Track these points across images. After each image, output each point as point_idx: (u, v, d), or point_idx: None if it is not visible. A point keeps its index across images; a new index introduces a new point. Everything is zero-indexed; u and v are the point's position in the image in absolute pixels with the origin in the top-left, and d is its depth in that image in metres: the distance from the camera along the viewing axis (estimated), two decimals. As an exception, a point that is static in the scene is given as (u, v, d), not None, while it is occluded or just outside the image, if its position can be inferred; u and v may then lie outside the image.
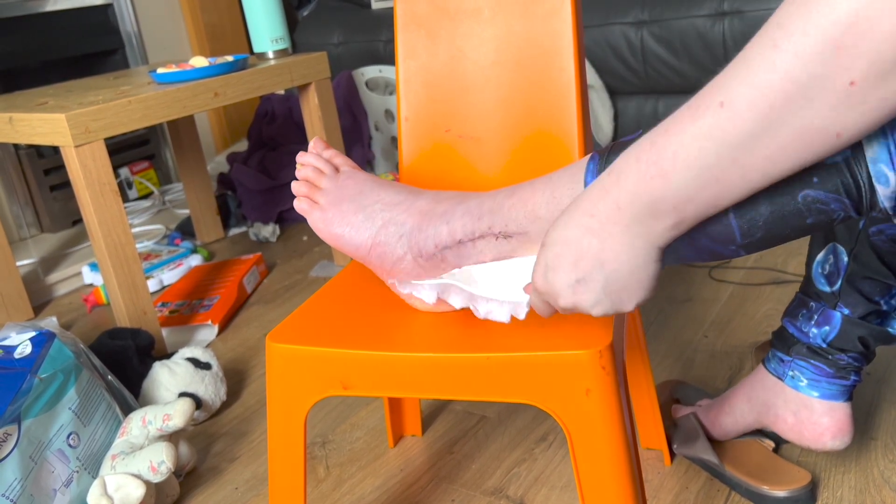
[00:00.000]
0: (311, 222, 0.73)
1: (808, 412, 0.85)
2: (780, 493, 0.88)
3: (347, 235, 0.71)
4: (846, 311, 0.82)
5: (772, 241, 0.56)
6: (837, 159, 0.50)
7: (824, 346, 0.84)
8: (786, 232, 0.55)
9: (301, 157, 0.77)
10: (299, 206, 0.74)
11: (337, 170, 0.76)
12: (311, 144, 0.78)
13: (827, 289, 0.84)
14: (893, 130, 0.49)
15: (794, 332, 0.86)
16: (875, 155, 0.50)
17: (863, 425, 1.01)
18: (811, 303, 0.85)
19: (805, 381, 0.85)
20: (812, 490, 0.89)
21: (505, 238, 0.65)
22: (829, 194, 0.51)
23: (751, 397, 0.91)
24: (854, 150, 0.50)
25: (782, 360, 0.87)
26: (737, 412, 0.93)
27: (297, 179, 0.76)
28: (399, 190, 0.72)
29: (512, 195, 0.65)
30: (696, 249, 0.57)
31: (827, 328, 0.84)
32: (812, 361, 0.85)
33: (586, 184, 0.61)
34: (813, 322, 0.85)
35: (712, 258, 0.58)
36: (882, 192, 0.50)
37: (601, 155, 0.61)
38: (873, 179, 0.50)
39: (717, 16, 1.92)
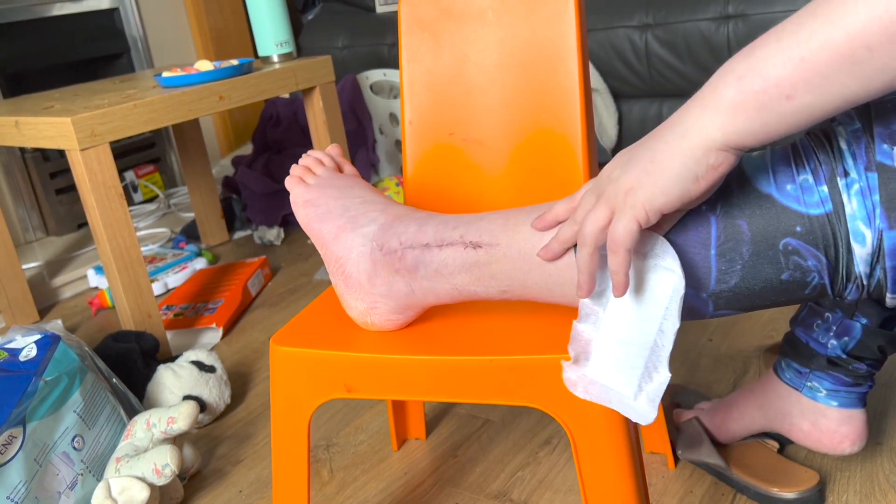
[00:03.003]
0: (292, 196, 0.75)
1: (827, 421, 0.85)
2: (790, 494, 0.88)
3: (319, 215, 0.72)
4: (864, 321, 0.82)
5: (741, 299, 0.56)
6: (821, 211, 0.52)
7: (843, 356, 0.84)
8: (758, 286, 0.55)
9: (311, 153, 0.80)
10: (288, 181, 0.75)
11: (340, 170, 0.78)
12: (328, 148, 0.81)
13: None
14: (872, 192, 0.50)
15: (811, 344, 0.86)
16: (854, 211, 0.51)
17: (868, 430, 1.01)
18: (826, 313, 0.85)
19: (824, 392, 0.85)
20: (821, 490, 0.89)
21: (474, 248, 0.63)
22: (809, 247, 0.52)
23: (762, 405, 0.91)
24: (836, 206, 0.51)
25: (799, 372, 0.87)
26: (746, 418, 0.93)
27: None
28: (380, 196, 0.74)
29: (496, 212, 0.65)
30: None
31: (846, 339, 0.84)
32: (831, 373, 0.85)
33: None
34: (832, 333, 0.84)
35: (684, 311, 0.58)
36: (858, 251, 0.51)
37: None
38: (850, 236, 0.51)
39: (721, 19, 1.92)
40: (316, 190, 0.74)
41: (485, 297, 0.65)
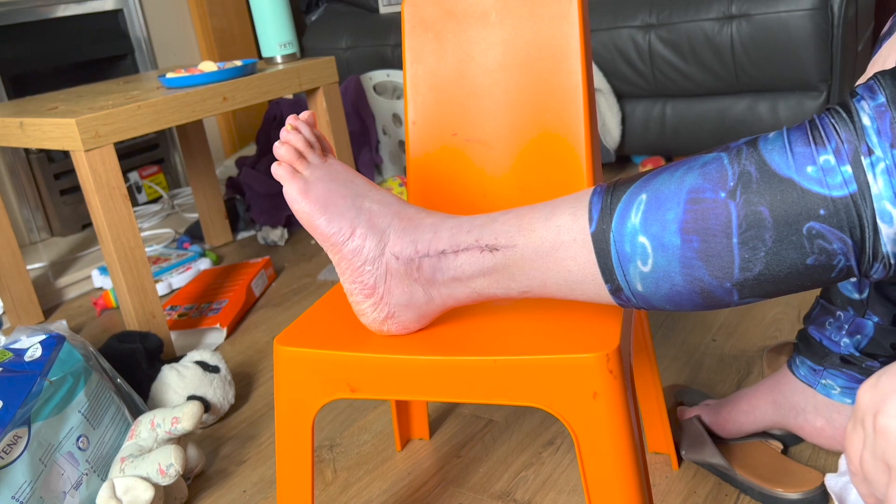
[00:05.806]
0: (288, 191, 0.66)
1: (842, 418, 0.85)
2: (795, 494, 0.88)
3: (327, 214, 0.65)
4: (876, 319, 0.82)
5: (766, 285, 0.54)
6: (845, 192, 0.50)
7: (857, 354, 0.84)
8: (783, 273, 0.53)
9: (294, 121, 0.69)
10: (278, 171, 0.66)
11: (325, 153, 0.71)
12: (305, 114, 0.70)
13: (856, 296, 0.84)
14: None
15: (825, 342, 0.86)
16: (880, 191, 0.49)
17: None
18: (838, 312, 0.85)
19: (838, 390, 0.86)
20: (825, 491, 0.89)
21: (490, 251, 0.62)
22: (834, 230, 0.50)
23: (776, 400, 0.91)
24: (861, 186, 0.49)
25: (813, 370, 0.87)
26: (758, 412, 0.93)
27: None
28: (388, 193, 0.70)
29: (507, 213, 0.63)
30: (690, 279, 0.55)
31: (859, 337, 0.84)
32: (844, 370, 0.85)
33: (591, 218, 0.58)
34: (844, 332, 0.85)
35: (703, 300, 0.56)
36: (885, 231, 0.49)
37: (606, 189, 0.59)
38: (877, 217, 0.49)
39: (724, 19, 1.92)
40: (319, 185, 0.66)
41: (505, 298, 0.64)
